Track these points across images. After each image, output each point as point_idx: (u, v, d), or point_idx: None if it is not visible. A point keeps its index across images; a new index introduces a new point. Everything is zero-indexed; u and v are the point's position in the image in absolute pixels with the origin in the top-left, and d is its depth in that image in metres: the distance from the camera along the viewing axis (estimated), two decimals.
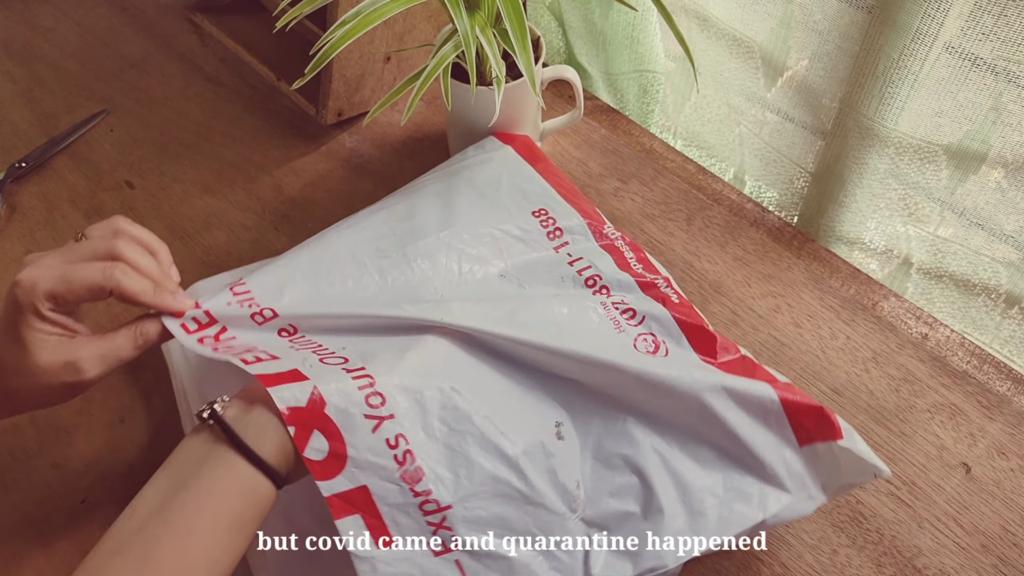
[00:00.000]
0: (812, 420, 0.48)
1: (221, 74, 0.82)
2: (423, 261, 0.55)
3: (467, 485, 0.45)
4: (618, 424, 0.50)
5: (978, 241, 0.65)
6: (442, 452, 0.45)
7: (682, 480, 0.49)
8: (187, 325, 0.49)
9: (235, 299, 0.50)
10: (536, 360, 0.50)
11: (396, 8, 0.53)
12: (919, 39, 0.56)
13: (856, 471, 0.49)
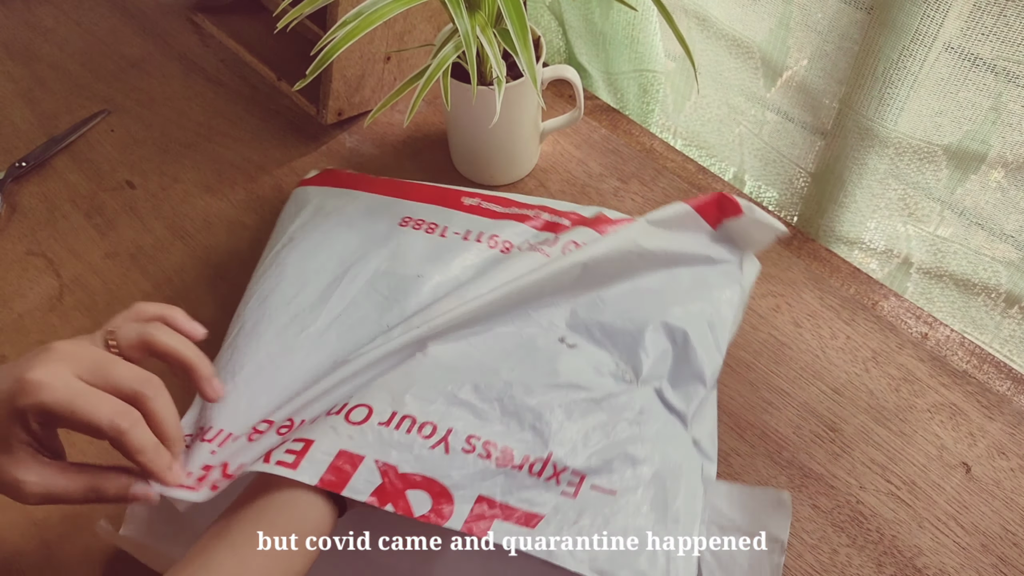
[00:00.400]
0: (716, 207, 0.56)
1: (222, 74, 0.82)
2: (354, 304, 0.56)
3: (553, 430, 0.47)
4: (597, 303, 0.54)
5: (978, 241, 0.65)
6: (511, 422, 0.47)
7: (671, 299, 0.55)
8: (189, 485, 0.45)
9: (215, 445, 0.48)
10: (515, 305, 0.54)
11: (397, 8, 0.53)
12: (918, 40, 0.56)
13: (761, 234, 0.57)
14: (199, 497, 0.45)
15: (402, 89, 0.56)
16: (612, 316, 0.53)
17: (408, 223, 0.60)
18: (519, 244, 0.58)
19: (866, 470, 0.57)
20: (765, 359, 0.62)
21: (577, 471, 0.46)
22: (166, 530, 0.50)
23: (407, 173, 0.73)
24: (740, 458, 0.57)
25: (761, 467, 0.57)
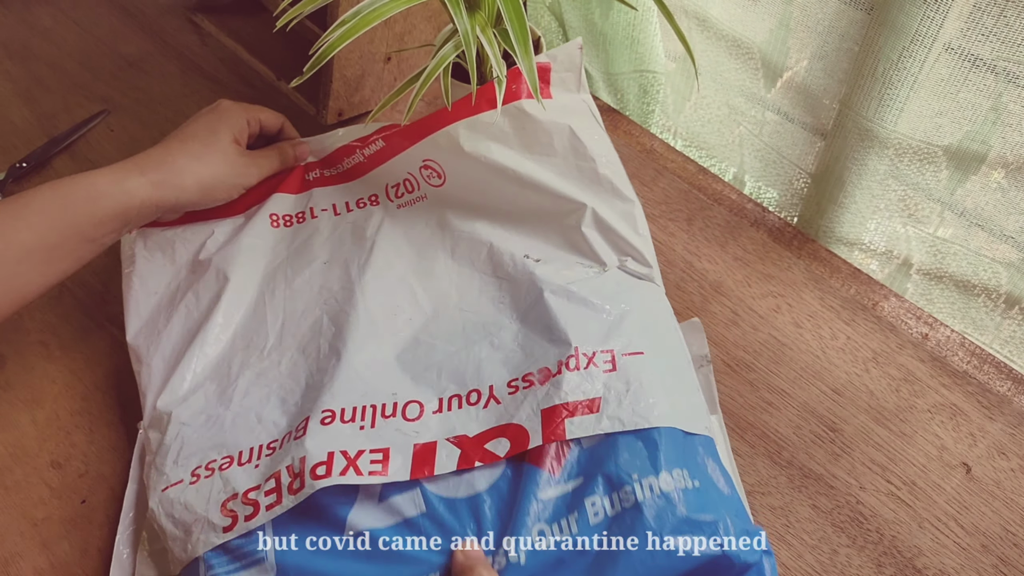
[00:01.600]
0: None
1: (221, 74, 0.82)
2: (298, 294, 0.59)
3: (566, 331, 0.52)
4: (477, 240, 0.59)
5: (978, 241, 0.65)
6: (530, 348, 0.53)
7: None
8: None
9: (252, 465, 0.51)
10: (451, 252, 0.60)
11: (396, 8, 0.53)
12: (918, 40, 0.56)
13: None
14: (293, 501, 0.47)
15: (402, 89, 0.56)
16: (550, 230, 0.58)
17: (277, 222, 0.63)
18: (379, 193, 0.63)
19: (866, 470, 0.57)
20: (765, 359, 0.62)
21: (605, 350, 0.50)
22: None
23: None
24: (740, 458, 0.57)
25: (761, 467, 0.57)
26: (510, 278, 0.57)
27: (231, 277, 0.59)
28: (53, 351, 0.63)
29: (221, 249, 0.61)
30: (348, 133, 0.66)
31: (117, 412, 0.60)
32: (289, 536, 0.46)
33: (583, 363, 0.50)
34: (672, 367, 0.53)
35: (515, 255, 0.57)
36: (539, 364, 0.51)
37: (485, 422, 0.49)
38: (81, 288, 0.66)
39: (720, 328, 0.63)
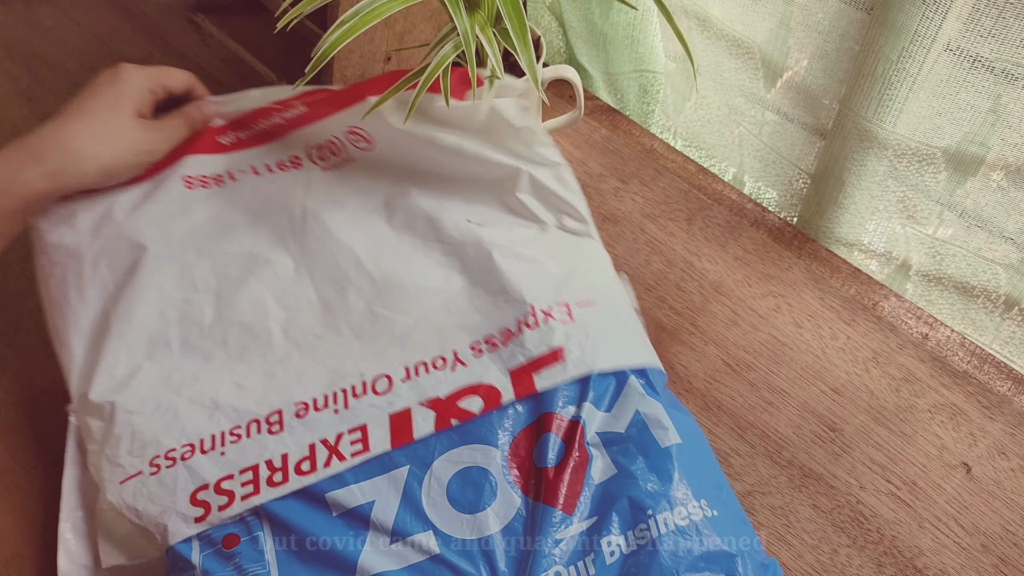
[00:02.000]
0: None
1: (222, 74, 0.82)
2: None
3: (518, 288, 0.53)
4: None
5: (977, 242, 0.65)
6: (487, 310, 0.54)
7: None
8: None
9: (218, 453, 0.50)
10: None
11: (395, 7, 0.53)
12: (917, 41, 0.56)
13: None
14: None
15: (399, 87, 0.56)
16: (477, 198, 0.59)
17: (193, 184, 0.60)
18: (305, 152, 0.61)
19: (866, 470, 0.57)
20: (765, 359, 0.62)
21: (559, 302, 0.52)
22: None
23: None
24: (740, 458, 0.57)
25: (761, 467, 0.57)
26: (455, 242, 0.56)
27: (148, 245, 0.56)
28: (54, 351, 0.63)
29: (131, 215, 0.57)
30: (265, 95, 0.63)
31: None
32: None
33: (541, 319, 0.51)
34: (621, 314, 0.55)
35: (457, 221, 0.57)
36: (499, 325, 0.52)
37: (455, 383, 0.50)
38: None
39: (720, 328, 0.63)
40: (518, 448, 0.48)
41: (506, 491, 0.47)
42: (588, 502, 0.46)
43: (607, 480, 0.47)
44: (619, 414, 0.49)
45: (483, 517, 0.46)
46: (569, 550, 0.45)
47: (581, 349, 0.50)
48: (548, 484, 0.46)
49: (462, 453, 0.48)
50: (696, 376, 0.61)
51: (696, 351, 0.62)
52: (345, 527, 0.46)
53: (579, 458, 0.47)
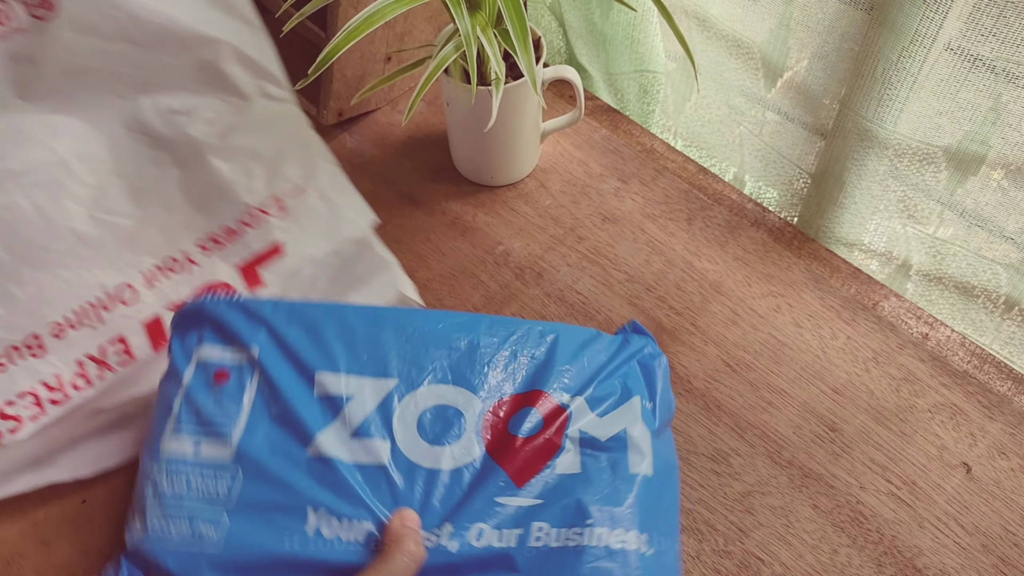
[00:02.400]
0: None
1: None
2: None
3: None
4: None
5: (978, 242, 0.65)
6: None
7: None
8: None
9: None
10: None
11: (398, 9, 0.53)
12: (918, 40, 0.56)
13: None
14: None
15: (393, 76, 0.57)
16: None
17: None
18: None
19: (866, 470, 0.57)
20: (765, 359, 0.62)
21: (271, 197, 0.58)
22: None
23: (407, 173, 0.73)
24: (740, 458, 0.57)
25: (761, 467, 0.57)
26: (165, 139, 0.57)
27: None
28: None
29: None
30: None
31: None
32: (258, 429, 0.48)
33: (258, 219, 0.56)
34: (330, 193, 0.59)
35: (161, 112, 0.57)
36: (219, 222, 0.56)
37: (192, 284, 0.55)
38: None
39: (720, 328, 0.64)
40: (499, 410, 0.49)
41: (470, 440, 0.48)
42: (540, 485, 0.47)
43: (568, 475, 0.48)
44: (608, 424, 0.50)
45: (439, 452, 0.48)
46: (502, 515, 0.46)
47: (298, 241, 0.57)
48: (511, 451, 0.48)
49: (448, 391, 0.49)
50: (696, 376, 0.61)
51: (696, 351, 0.62)
52: (319, 407, 0.48)
53: (550, 443, 0.48)
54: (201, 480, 0.47)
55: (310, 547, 0.45)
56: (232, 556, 0.45)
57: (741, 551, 0.54)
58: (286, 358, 0.50)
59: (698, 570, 0.53)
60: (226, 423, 0.48)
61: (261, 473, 0.47)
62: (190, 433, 0.48)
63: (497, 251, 0.68)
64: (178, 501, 0.47)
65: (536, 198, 0.71)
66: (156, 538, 0.46)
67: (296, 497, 0.46)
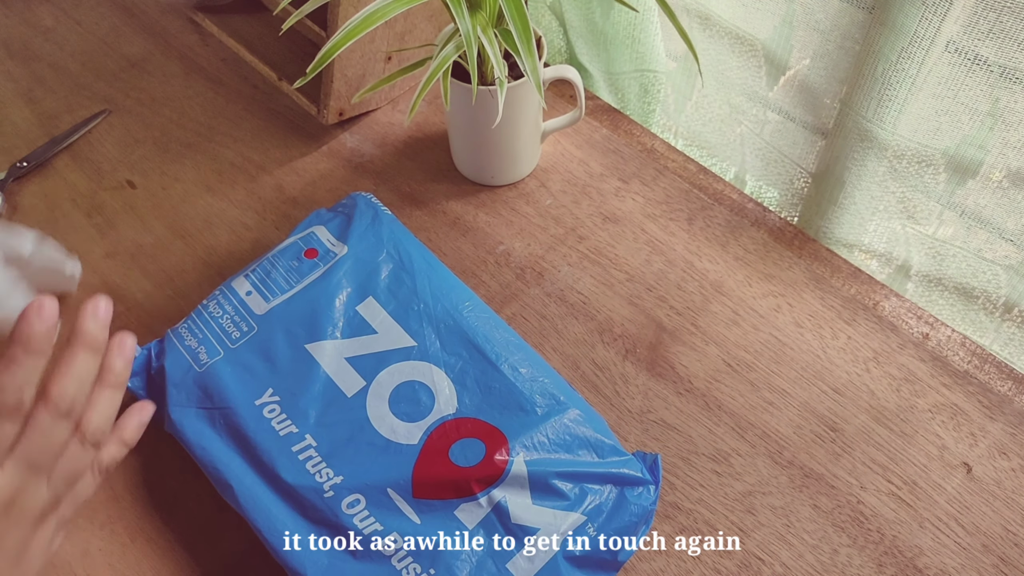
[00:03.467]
0: None
1: (222, 74, 0.82)
2: None
3: None
4: None
5: (977, 243, 0.65)
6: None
7: None
8: None
9: None
10: None
11: (398, 8, 0.53)
12: (917, 41, 0.56)
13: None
14: None
15: (394, 76, 0.57)
16: None
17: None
18: None
19: (867, 470, 0.57)
20: (766, 359, 0.62)
21: None
22: None
23: (408, 173, 0.73)
24: (741, 458, 0.57)
25: (762, 467, 0.57)
26: None
27: None
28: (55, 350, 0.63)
29: None
30: None
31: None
32: (292, 307, 0.57)
33: None
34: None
35: None
36: None
37: None
38: (82, 288, 0.66)
39: (721, 328, 0.64)
40: (456, 426, 0.53)
41: (419, 427, 0.53)
42: (431, 512, 0.51)
43: (460, 524, 0.50)
44: (531, 513, 0.51)
45: (396, 423, 0.53)
46: (384, 505, 0.51)
47: None
48: (438, 465, 0.51)
49: (432, 373, 0.55)
50: (697, 376, 0.61)
51: (697, 351, 0.62)
52: (347, 322, 0.57)
53: (465, 487, 0.51)
54: (230, 318, 0.57)
55: (249, 419, 0.53)
56: (204, 384, 0.54)
57: (742, 551, 0.54)
58: (360, 272, 0.58)
59: (699, 570, 0.53)
60: (278, 288, 0.57)
61: (264, 341, 0.56)
62: (253, 282, 0.58)
63: (498, 251, 0.68)
64: (208, 322, 0.57)
65: (537, 198, 0.71)
66: (178, 336, 0.57)
67: (266, 375, 0.54)
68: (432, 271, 0.59)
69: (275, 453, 0.52)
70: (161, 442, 0.59)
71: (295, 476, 0.51)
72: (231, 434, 0.53)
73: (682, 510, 0.56)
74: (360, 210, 0.62)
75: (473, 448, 0.51)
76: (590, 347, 0.62)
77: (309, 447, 0.52)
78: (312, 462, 0.52)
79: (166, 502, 0.56)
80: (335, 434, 0.53)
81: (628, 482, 0.52)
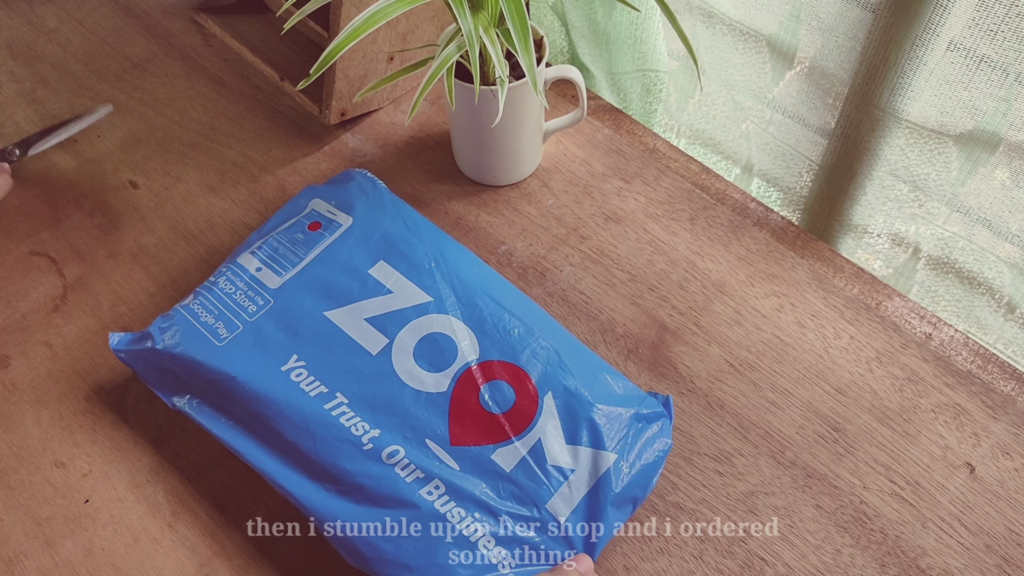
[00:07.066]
0: None
1: (224, 74, 0.82)
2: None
3: None
4: None
5: (984, 238, 0.65)
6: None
7: None
8: None
9: None
10: None
11: (401, 8, 0.53)
12: (930, 29, 0.55)
13: None
14: None
15: (396, 76, 0.57)
16: None
17: None
18: None
19: (870, 470, 0.57)
20: (768, 359, 0.62)
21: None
22: None
23: (410, 173, 0.73)
24: (744, 458, 0.57)
25: (764, 467, 0.57)
26: None
27: None
28: (57, 351, 0.63)
29: None
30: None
31: (120, 412, 0.60)
32: (304, 278, 0.59)
33: None
34: None
35: None
36: None
37: None
38: (85, 288, 0.67)
39: (723, 328, 0.63)
40: (484, 370, 0.55)
41: (447, 376, 0.54)
42: (467, 458, 0.52)
43: (496, 465, 0.52)
44: (566, 453, 0.52)
45: (421, 374, 0.55)
46: (424, 457, 0.52)
47: None
48: (471, 414, 0.53)
49: (457, 327, 0.56)
50: (699, 376, 0.61)
51: (699, 351, 0.62)
52: (361, 284, 0.58)
53: (502, 431, 0.53)
54: (244, 293, 0.58)
55: (277, 384, 0.54)
56: (222, 357, 0.55)
57: (744, 551, 0.54)
58: (368, 238, 0.59)
59: (701, 570, 0.53)
60: (288, 263, 0.59)
61: (283, 312, 0.57)
62: (261, 259, 0.60)
63: (500, 251, 0.68)
64: (221, 298, 0.58)
65: (539, 198, 0.71)
66: (192, 313, 0.58)
67: (289, 343, 0.56)
68: (437, 233, 0.61)
69: (309, 412, 0.53)
70: (163, 441, 0.59)
71: (334, 431, 0.52)
72: (254, 406, 0.54)
73: (684, 510, 0.56)
74: (358, 183, 0.64)
75: (502, 391, 0.53)
76: (592, 347, 0.62)
77: (341, 404, 0.53)
78: (346, 417, 0.53)
79: (168, 502, 0.56)
80: (365, 390, 0.54)
81: (648, 419, 0.54)
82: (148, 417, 0.60)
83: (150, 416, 0.60)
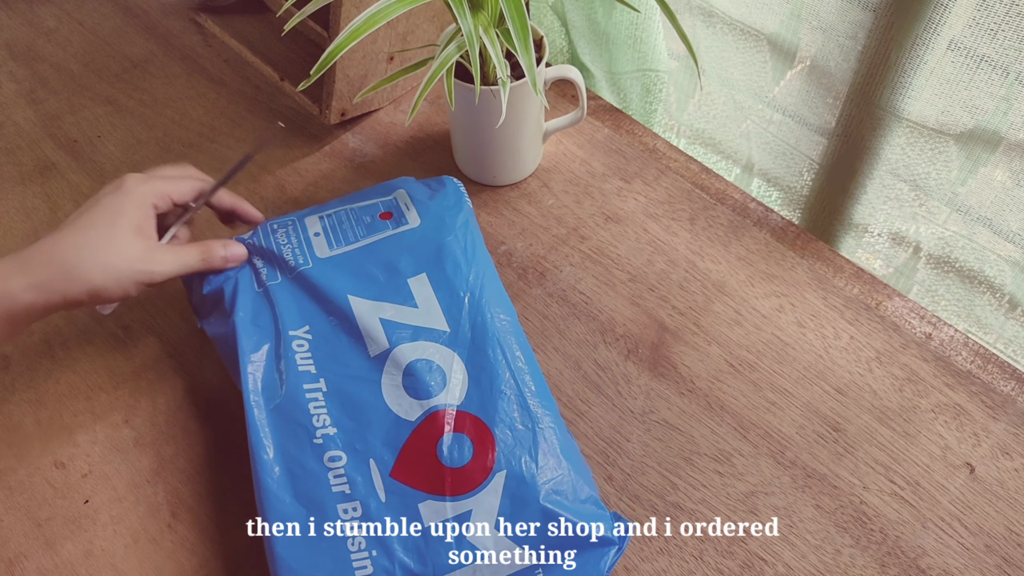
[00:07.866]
0: None
1: (224, 74, 0.82)
2: None
3: None
4: None
5: (985, 237, 0.65)
6: None
7: None
8: None
9: None
10: None
11: (401, 8, 0.53)
12: (931, 28, 0.55)
13: None
14: None
15: (395, 76, 0.57)
16: None
17: None
18: None
19: (869, 470, 0.57)
20: (768, 359, 0.62)
21: None
22: None
23: (410, 173, 0.73)
24: (744, 458, 0.57)
25: (764, 467, 0.57)
26: None
27: None
28: (56, 351, 0.63)
29: None
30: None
31: (120, 412, 0.60)
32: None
33: None
34: None
35: None
36: None
37: None
38: None
39: (723, 328, 0.63)
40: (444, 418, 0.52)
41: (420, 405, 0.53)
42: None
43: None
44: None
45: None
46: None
47: None
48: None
49: (433, 350, 0.55)
50: (699, 376, 0.61)
51: (699, 351, 0.62)
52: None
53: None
54: (292, 249, 0.59)
55: (282, 345, 0.55)
56: (264, 301, 0.57)
57: (744, 551, 0.54)
58: (424, 246, 0.59)
59: (701, 570, 0.53)
60: (344, 239, 0.60)
61: (316, 279, 0.57)
62: (324, 226, 0.61)
63: (500, 251, 0.68)
64: (274, 246, 0.60)
65: (539, 198, 0.71)
66: (252, 248, 0.60)
67: (308, 311, 0.56)
68: (488, 266, 0.60)
69: (289, 383, 0.53)
70: (163, 442, 0.59)
71: (297, 410, 0.52)
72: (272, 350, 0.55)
73: (684, 510, 0.56)
74: (447, 192, 0.63)
75: (461, 447, 0.51)
76: (592, 347, 0.62)
77: (319, 391, 0.53)
78: (316, 404, 0.52)
79: (168, 502, 0.56)
80: (346, 387, 0.53)
81: (590, 544, 0.50)
82: (148, 417, 0.60)
83: (150, 416, 0.60)
